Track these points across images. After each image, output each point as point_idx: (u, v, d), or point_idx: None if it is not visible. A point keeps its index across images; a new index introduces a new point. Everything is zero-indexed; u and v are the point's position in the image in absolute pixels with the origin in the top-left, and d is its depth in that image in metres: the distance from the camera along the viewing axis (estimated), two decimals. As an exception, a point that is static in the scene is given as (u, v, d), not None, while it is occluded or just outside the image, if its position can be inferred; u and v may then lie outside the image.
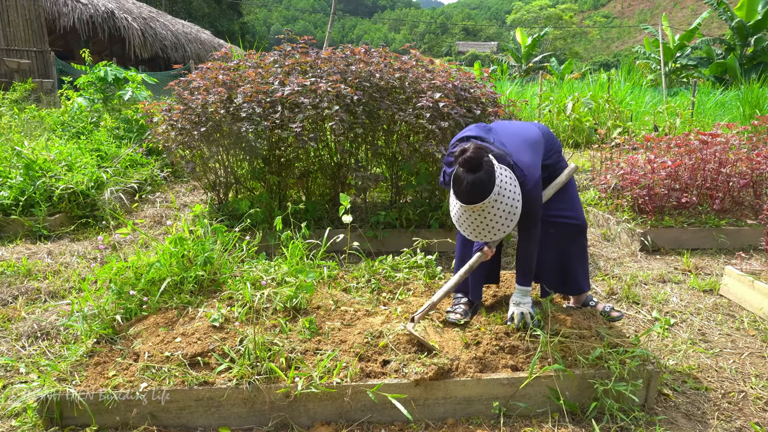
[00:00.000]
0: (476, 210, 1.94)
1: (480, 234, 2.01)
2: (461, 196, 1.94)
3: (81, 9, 13.57)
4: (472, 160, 1.91)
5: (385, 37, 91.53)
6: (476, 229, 2.00)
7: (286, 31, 4.38)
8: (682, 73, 18.98)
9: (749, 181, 4.17)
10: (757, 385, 2.25)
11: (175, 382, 1.89)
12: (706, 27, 48.35)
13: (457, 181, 1.95)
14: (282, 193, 4.10)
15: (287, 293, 2.35)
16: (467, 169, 1.92)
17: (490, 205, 1.93)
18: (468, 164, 1.91)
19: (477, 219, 1.97)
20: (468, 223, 2.00)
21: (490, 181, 1.91)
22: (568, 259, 2.46)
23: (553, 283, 2.52)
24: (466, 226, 2.02)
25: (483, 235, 2.01)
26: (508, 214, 1.97)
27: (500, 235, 2.01)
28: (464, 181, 1.92)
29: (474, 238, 2.04)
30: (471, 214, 1.97)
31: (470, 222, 1.99)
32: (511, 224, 1.99)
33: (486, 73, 4.89)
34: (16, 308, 2.82)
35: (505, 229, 1.99)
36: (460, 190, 1.94)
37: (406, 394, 1.92)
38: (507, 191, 1.95)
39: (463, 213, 1.99)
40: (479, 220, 1.96)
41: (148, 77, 7.27)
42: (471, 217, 1.98)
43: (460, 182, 1.94)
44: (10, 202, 4.02)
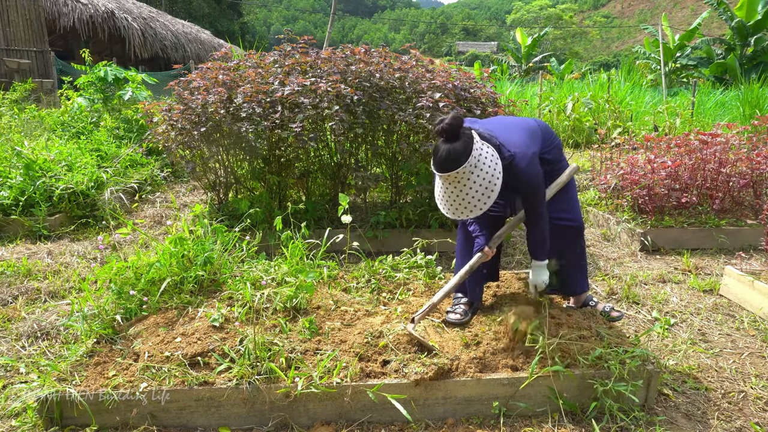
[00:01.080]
0: (452, 181, 1.94)
1: (457, 209, 1.99)
2: (437, 165, 1.94)
3: (81, 9, 13.58)
4: (449, 129, 1.91)
5: (385, 37, 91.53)
6: (453, 204, 1.99)
7: (286, 31, 4.38)
8: (682, 73, 18.98)
9: (749, 181, 4.17)
10: (757, 385, 2.25)
11: (175, 382, 1.89)
12: (706, 27, 48.34)
13: (435, 152, 1.96)
14: (282, 193, 4.10)
15: (287, 293, 2.35)
16: (444, 138, 1.93)
17: (465, 176, 1.92)
18: (445, 133, 1.92)
19: (453, 192, 1.96)
20: (446, 198, 1.99)
21: (465, 150, 1.91)
22: (567, 260, 2.46)
23: (552, 284, 2.52)
24: (444, 201, 2.01)
25: (460, 211, 1.99)
26: (485, 189, 1.95)
27: (476, 212, 1.98)
28: (440, 149, 1.93)
29: (452, 216, 2.03)
30: (447, 187, 1.97)
31: (447, 196, 1.99)
32: (488, 201, 1.96)
33: (486, 73, 4.89)
34: (16, 308, 2.82)
35: (482, 205, 1.97)
36: (436, 159, 1.94)
37: (406, 394, 1.92)
38: (485, 165, 1.94)
39: (441, 187, 1.99)
40: (455, 193, 1.96)
41: (148, 77, 7.26)
42: (447, 191, 1.97)
43: (436, 151, 1.95)
44: (10, 202, 4.02)
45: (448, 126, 1.91)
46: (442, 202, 2.04)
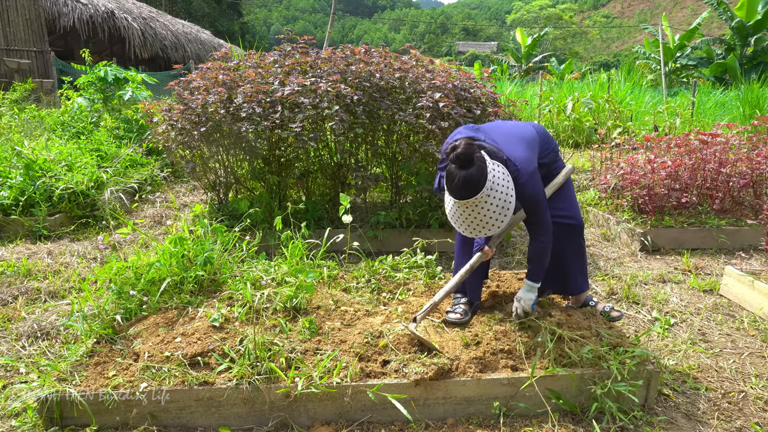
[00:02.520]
0: (469, 206, 1.95)
1: (475, 230, 2.02)
2: (454, 192, 1.96)
3: (81, 9, 13.58)
4: (463, 156, 1.92)
5: (385, 37, 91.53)
6: (471, 225, 2.01)
7: (286, 31, 4.38)
8: (682, 73, 18.99)
9: (749, 181, 4.17)
10: (757, 385, 2.25)
11: (175, 382, 1.89)
12: (706, 27, 48.35)
13: (449, 178, 1.96)
14: (282, 193, 4.10)
15: (287, 293, 2.35)
16: (459, 165, 1.93)
17: (483, 200, 1.94)
18: (459, 160, 1.93)
19: (471, 215, 1.98)
20: (462, 219, 2.01)
21: (481, 176, 1.92)
22: (566, 259, 2.46)
23: (552, 284, 2.52)
24: (461, 222, 2.03)
25: (478, 231, 2.02)
26: (501, 209, 1.97)
27: (495, 230, 2.01)
28: (456, 177, 1.93)
29: (469, 234, 2.05)
30: (465, 210, 1.98)
31: (464, 218, 2.00)
32: (505, 219, 1.99)
33: (486, 73, 4.89)
34: (16, 308, 2.82)
35: (499, 224, 1.99)
36: (452, 187, 1.95)
37: (406, 394, 1.92)
38: (499, 186, 1.96)
39: (457, 209, 2.00)
40: (473, 215, 1.98)
41: (148, 77, 7.26)
42: (465, 213, 1.99)
43: (452, 179, 1.95)
44: (10, 202, 4.02)
45: (462, 154, 1.92)
46: (458, 223, 2.05)
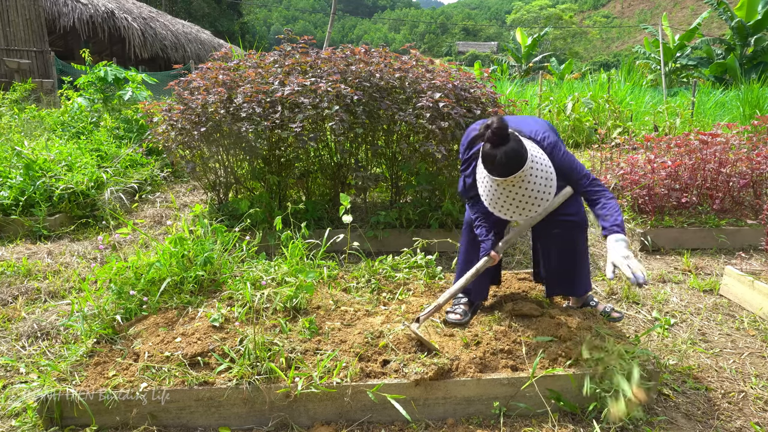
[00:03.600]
0: (516, 182, 1.86)
1: (524, 209, 1.92)
2: (498, 169, 1.85)
3: (81, 9, 13.58)
4: (499, 131, 1.85)
5: (385, 37, 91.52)
6: (519, 205, 1.91)
7: (286, 31, 4.38)
8: (682, 73, 18.99)
9: (749, 181, 4.17)
10: (757, 385, 2.25)
11: (175, 382, 1.89)
12: (706, 27, 48.34)
13: (488, 158, 1.87)
14: (282, 193, 4.10)
15: (287, 293, 2.35)
16: (496, 142, 1.86)
17: (528, 173, 1.86)
18: (496, 136, 1.85)
19: (518, 193, 1.88)
20: (509, 201, 1.90)
21: (522, 148, 1.86)
22: (576, 258, 2.42)
23: (559, 283, 2.48)
24: (507, 206, 1.92)
25: (528, 209, 1.92)
26: (546, 180, 1.90)
27: (544, 205, 1.92)
28: (496, 154, 1.85)
29: (518, 217, 1.95)
30: (511, 190, 1.88)
31: (511, 199, 1.89)
32: (551, 191, 1.91)
33: (486, 73, 4.89)
34: (16, 308, 2.82)
35: (547, 197, 1.91)
36: (495, 165, 1.85)
37: (406, 394, 1.92)
38: (538, 157, 1.91)
39: (502, 192, 1.89)
40: (520, 193, 1.88)
41: (148, 77, 7.26)
42: (511, 194, 1.88)
43: (492, 157, 1.86)
44: (10, 202, 4.02)
45: (498, 128, 1.85)
46: (504, 207, 1.94)
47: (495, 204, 1.97)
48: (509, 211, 1.95)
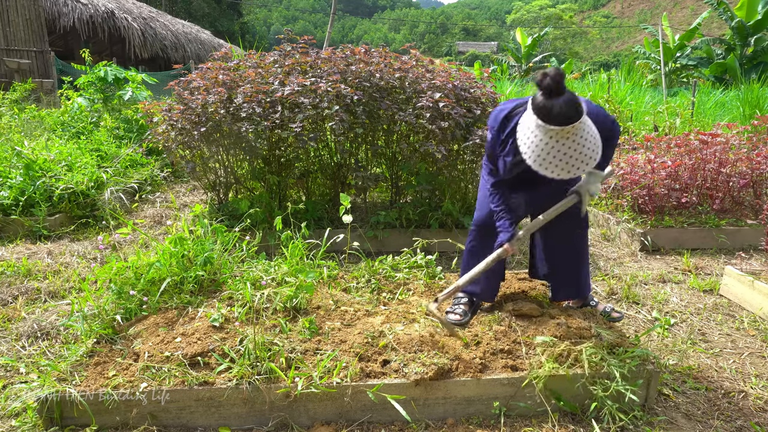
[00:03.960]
0: (570, 134, 1.83)
1: (573, 165, 1.87)
2: (558, 119, 1.81)
3: (81, 9, 13.58)
4: (560, 79, 1.82)
5: (385, 37, 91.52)
6: (569, 161, 1.87)
7: (286, 31, 4.38)
8: (682, 73, 18.99)
9: (749, 181, 4.17)
10: (757, 385, 2.25)
11: (175, 382, 1.89)
12: (706, 27, 48.34)
13: (546, 110, 1.83)
14: (282, 193, 4.10)
15: (287, 293, 2.35)
16: (557, 91, 1.82)
17: (583, 126, 1.85)
18: (557, 85, 1.82)
19: (570, 147, 1.85)
20: (558, 157, 1.86)
21: (578, 99, 1.85)
22: (577, 257, 2.44)
23: (565, 285, 2.48)
24: (557, 162, 1.87)
25: (576, 166, 1.88)
26: (594, 139, 1.89)
27: (592, 163, 1.90)
28: (555, 104, 1.82)
29: (565, 175, 1.90)
30: (564, 144, 1.85)
31: (562, 154, 1.86)
32: (597, 153, 1.90)
33: (486, 73, 4.89)
34: (16, 308, 2.82)
35: (595, 156, 1.89)
36: (554, 114, 1.81)
37: (406, 394, 1.92)
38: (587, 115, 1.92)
39: (554, 146, 1.85)
40: (572, 147, 1.85)
41: (148, 77, 7.27)
42: (563, 148, 1.85)
43: (551, 107, 1.82)
44: (10, 202, 4.02)
45: (558, 77, 1.82)
46: (554, 162, 1.88)
47: (543, 161, 1.90)
48: (557, 168, 1.89)
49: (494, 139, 2.16)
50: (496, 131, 2.14)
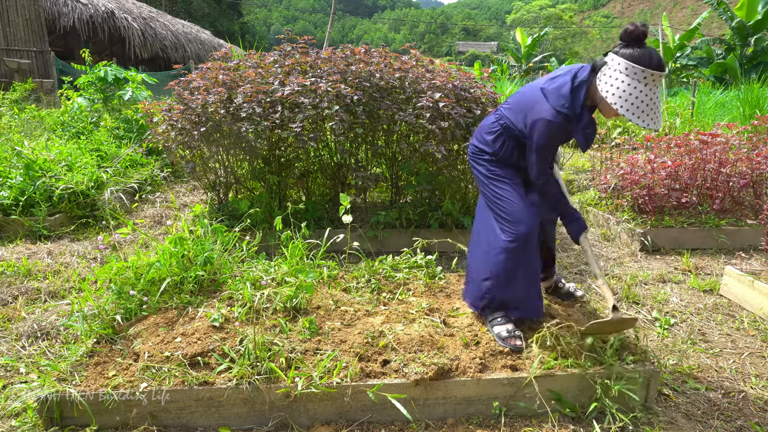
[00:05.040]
0: (661, 79, 1.95)
1: (659, 112, 1.97)
2: (659, 63, 1.92)
3: (81, 9, 13.58)
4: (646, 33, 1.94)
5: (385, 37, 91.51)
6: (657, 107, 1.96)
7: (286, 31, 4.38)
8: (682, 73, 18.99)
9: (749, 181, 4.17)
10: (757, 385, 2.25)
11: (175, 382, 1.89)
12: (706, 27, 48.33)
13: (646, 55, 1.91)
14: (282, 193, 4.10)
15: (287, 293, 2.35)
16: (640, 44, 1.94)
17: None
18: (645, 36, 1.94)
19: (657, 93, 1.95)
20: (652, 103, 1.95)
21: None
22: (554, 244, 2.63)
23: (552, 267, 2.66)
24: (650, 109, 1.95)
25: (659, 114, 1.98)
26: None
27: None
28: (652, 51, 1.93)
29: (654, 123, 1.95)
30: (654, 90, 1.94)
31: (653, 101, 1.95)
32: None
33: (486, 73, 4.89)
34: (16, 308, 2.82)
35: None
36: (655, 59, 1.91)
37: (406, 394, 1.92)
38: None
39: (648, 93, 1.93)
40: (658, 94, 1.96)
41: (148, 77, 7.27)
42: (652, 93, 1.94)
43: (650, 53, 1.92)
44: (10, 202, 4.02)
45: (646, 30, 1.94)
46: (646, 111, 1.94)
47: (636, 109, 1.95)
48: (648, 116, 1.95)
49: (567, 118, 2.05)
50: (569, 108, 2.04)
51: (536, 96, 2.11)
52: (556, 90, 2.06)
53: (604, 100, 1.99)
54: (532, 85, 2.21)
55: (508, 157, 2.29)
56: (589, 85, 2.05)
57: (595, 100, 2.08)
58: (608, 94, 1.96)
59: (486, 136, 2.33)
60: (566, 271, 3.53)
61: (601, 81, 1.99)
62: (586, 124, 2.06)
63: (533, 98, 2.13)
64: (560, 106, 2.03)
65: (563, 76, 2.10)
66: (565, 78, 2.07)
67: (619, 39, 2.00)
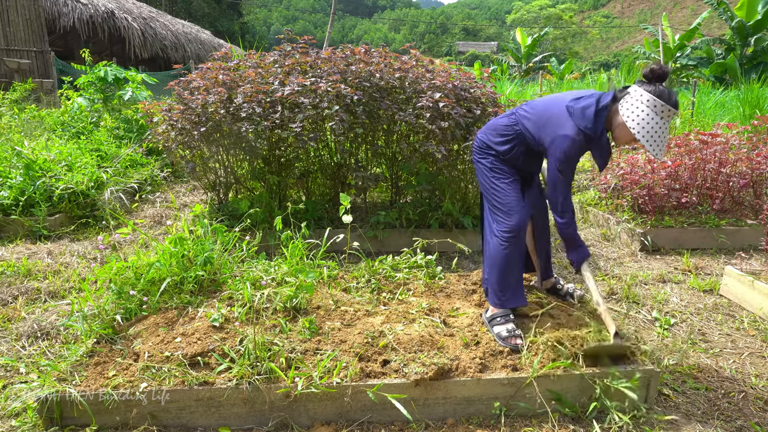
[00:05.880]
0: (674, 116, 2.08)
1: (665, 144, 2.11)
2: (676, 102, 2.06)
3: (81, 9, 13.58)
4: (667, 73, 2.08)
5: (385, 37, 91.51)
6: (665, 140, 2.10)
7: (286, 31, 4.38)
8: (682, 73, 18.98)
9: (749, 181, 4.17)
10: (757, 385, 2.25)
11: (175, 382, 1.89)
12: (706, 27, 48.33)
13: (667, 93, 2.06)
14: (282, 193, 4.10)
15: (287, 293, 2.35)
16: (662, 83, 2.09)
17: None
18: (665, 76, 2.08)
19: (667, 127, 2.08)
20: (664, 135, 2.08)
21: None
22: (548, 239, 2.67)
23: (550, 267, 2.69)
24: (661, 141, 2.08)
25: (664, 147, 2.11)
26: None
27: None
28: (667, 90, 2.06)
29: (660, 152, 2.10)
30: (666, 124, 2.07)
31: (664, 134, 2.08)
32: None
33: (486, 73, 4.89)
34: (16, 308, 2.82)
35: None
36: (674, 97, 2.06)
37: (406, 394, 1.92)
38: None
39: (662, 126, 2.07)
40: (667, 128, 2.09)
41: (148, 77, 7.27)
42: (665, 127, 2.07)
43: (670, 92, 2.06)
44: (10, 202, 4.02)
45: (667, 72, 2.08)
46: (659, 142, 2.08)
47: (651, 138, 2.07)
48: (659, 147, 2.09)
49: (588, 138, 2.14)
50: (592, 129, 2.13)
51: (562, 112, 2.19)
52: (582, 110, 2.15)
53: (622, 126, 2.11)
54: (557, 100, 2.26)
55: (515, 160, 2.37)
56: (609, 110, 2.16)
57: (611, 125, 2.18)
58: (630, 120, 2.07)
59: (497, 137, 2.38)
60: (566, 271, 3.53)
61: (623, 108, 2.11)
62: (605, 145, 2.18)
63: (558, 114, 2.20)
64: (584, 126, 2.12)
65: (588, 98, 2.19)
66: (590, 101, 2.16)
67: (642, 75, 2.13)
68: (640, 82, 2.12)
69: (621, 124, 2.11)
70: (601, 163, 2.21)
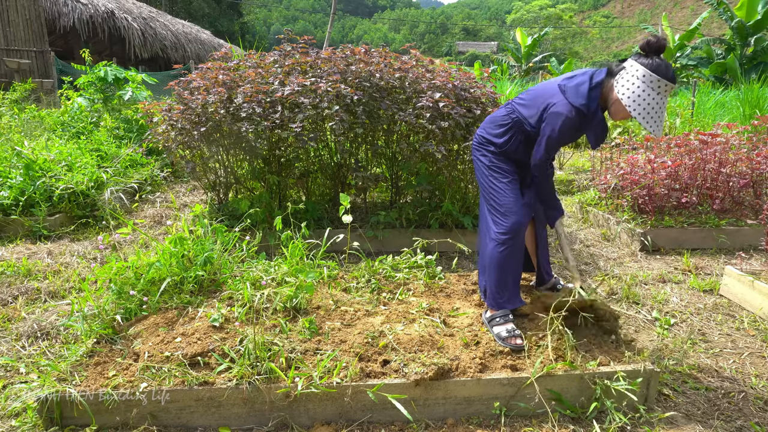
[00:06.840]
0: (669, 91, 2.04)
1: (662, 120, 2.08)
2: (673, 75, 2.03)
3: (81, 9, 13.58)
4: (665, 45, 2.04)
5: (385, 37, 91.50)
6: (663, 115, 2.07)
7: (286, 31, 4.38)
8: (682, 73, 18.99)
9: (749, 181, 4.17)
10: (757, 385, 2.25)
11: (175, 382, 1.89)
12: (706, 27, 48.31)
13: (664, 66, 2.02)
14: (282, 193, 4.10)
15: (287, 293, 2.35)
16: (659, 55, 2.04)
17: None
18: (663, 48, 2.03)
19: (664, 102, 2.05)
20: (660, 111, 2.05)
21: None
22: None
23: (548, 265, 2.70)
24: (658, 116, 2.05)
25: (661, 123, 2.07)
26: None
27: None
28: (664, 62, 2.02)
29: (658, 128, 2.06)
30: (663, 99, 2.04)
31: (661, 109, 2.05)
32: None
33: (486, 73, 4.89)
34: (16, 308, 2.82)
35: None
36: (671, 70, 2.02)
37: (406, 394, 1.92)
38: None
39: (659, 101, 2.03)
40: (664, 103, 2.05)
41: (148, 77, 7.26)
42: (662, 101, 2.04)
43: (667, 65, 2.02)
44: (10, 202, 4.02)
45: (665, 43, 2.03)
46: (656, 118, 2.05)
47: (647, 114, 2.04)
48: (656, 122, 2.06)
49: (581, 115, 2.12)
50: (585, 106, 2.12)
51: (554, 91, 2.19)
52: (575, 87, 2.14)
53: (617, 102, 2.08)
54: (549, 81, 2.28)
55: (513, 151, 2.36)
56: (603, 87, 2.14)
57: (606, 102, 2.15)
58: (624, 96, 2.04)
59: (495, 128, 2.38)
60: (566, 272, 3.53)
61: (618, 83, 2.08)
62: (599, 122, 2.15)
63: (550, 92, 2.20)
64: (577, 103, 2.10)
65: (581, 76, 2.18)
66: (584, 78, 2.16)
67: (639, 48, 2.09)
68: (637, 56, 2.07)
69: (616, 100, 2.08)
70: (594, 143, 2.20)
